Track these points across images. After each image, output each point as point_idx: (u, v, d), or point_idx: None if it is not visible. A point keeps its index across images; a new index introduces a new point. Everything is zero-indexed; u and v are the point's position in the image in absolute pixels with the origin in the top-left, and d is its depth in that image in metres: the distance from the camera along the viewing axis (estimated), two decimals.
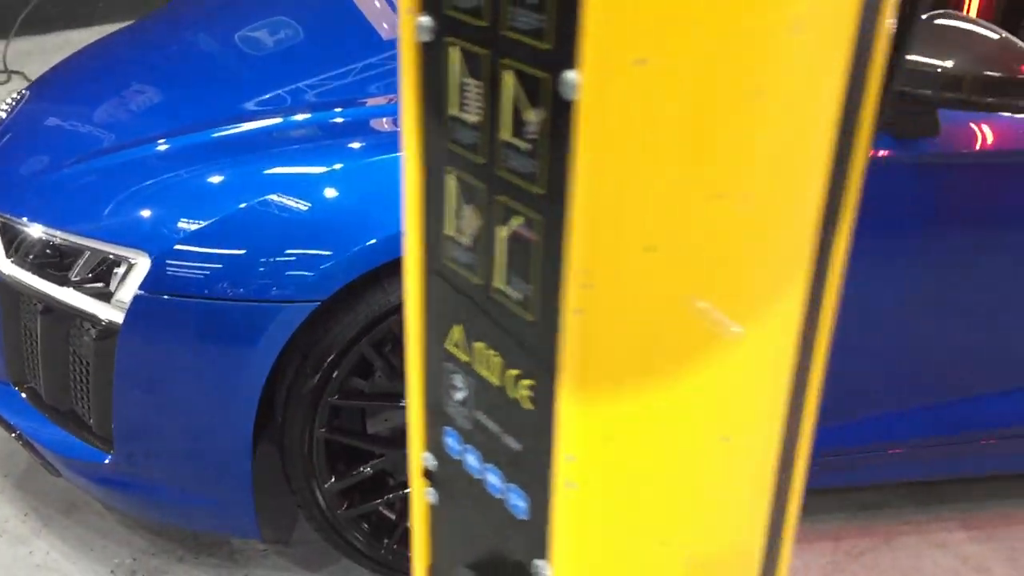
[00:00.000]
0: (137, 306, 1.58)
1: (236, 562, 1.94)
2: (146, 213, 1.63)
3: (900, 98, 1.56)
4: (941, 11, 1.61)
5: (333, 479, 1.74)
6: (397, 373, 1.69)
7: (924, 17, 1.61)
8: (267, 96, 1.90)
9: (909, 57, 1.52)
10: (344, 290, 1.58)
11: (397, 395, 1.69)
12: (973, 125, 1.72)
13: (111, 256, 1.63)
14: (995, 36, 1.56)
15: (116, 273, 1.62)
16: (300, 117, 1.81)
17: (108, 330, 1.62)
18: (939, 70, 1.54)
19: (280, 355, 1.61)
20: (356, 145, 1.70)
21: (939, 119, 1.68)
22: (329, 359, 1.62)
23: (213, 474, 1.69)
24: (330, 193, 1.62)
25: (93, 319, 1.64)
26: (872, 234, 1.63)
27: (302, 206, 1.59)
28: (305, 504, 1.76)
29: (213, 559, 1.95)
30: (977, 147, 1.72)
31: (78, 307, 1.65)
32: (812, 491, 0.97)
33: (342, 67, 2.01)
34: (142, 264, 1.58)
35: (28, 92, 2.16)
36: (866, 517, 2.10)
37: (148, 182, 1.68)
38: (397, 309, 1.60)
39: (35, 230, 1.70)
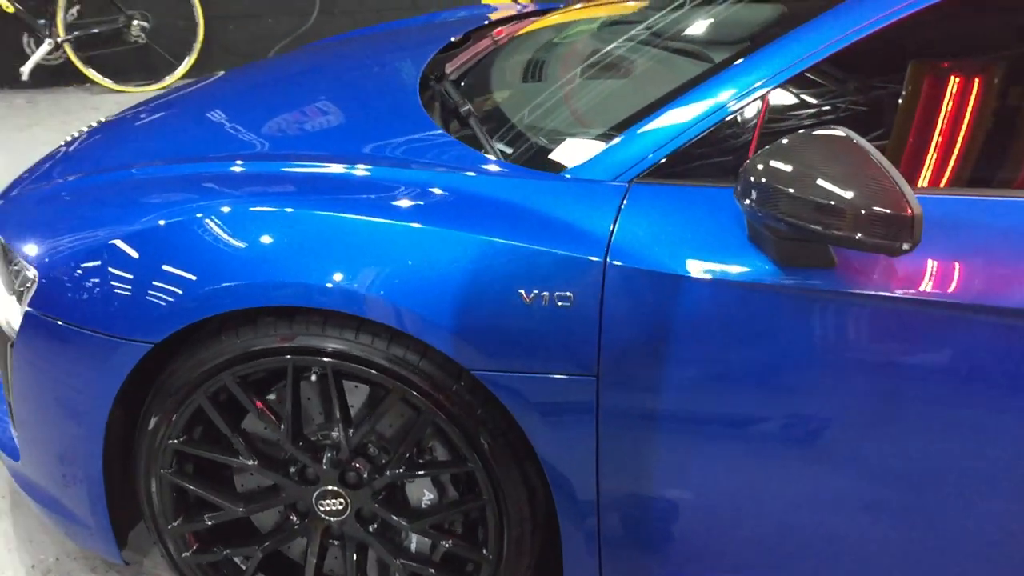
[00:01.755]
0: (26, 321, 1.71)
1: None
2: (48, 233, 1.74)
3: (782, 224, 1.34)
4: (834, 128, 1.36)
5: (180, 521, 1.76)
6: (234, 427, 1.68)
7: (814, 132, 1.37)
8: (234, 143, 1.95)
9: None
10: (188, 334, 1.61)
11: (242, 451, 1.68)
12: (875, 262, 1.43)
13: (26, 271, 1.77)
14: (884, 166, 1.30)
15: (27, 288, 1.76)
16: (238, 163, 1.77)
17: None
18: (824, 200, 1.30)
19: (136, 390, 1.67)
20: (284, 192, 1.64)
21: (832, 250, 1.41)
22: (168, 402, 1.65)
23: (77, 495, 1.77)
24: (209, 237, 1.59)
25: (9, 329, 1.79)
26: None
27: (170, 249, 1.61)
28: (156, 540, 1.79)
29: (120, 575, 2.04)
30: (876, 288, 1.41)
31: (2, 318, 1.81)
32: None
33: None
34: (36, 281, 1.71)
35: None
36: None
37: (70, 204, 1.79)
38: (232, 362, 1.61)
39: None
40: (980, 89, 1.54)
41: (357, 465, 1.69)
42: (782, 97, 1.54)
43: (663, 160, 1.53)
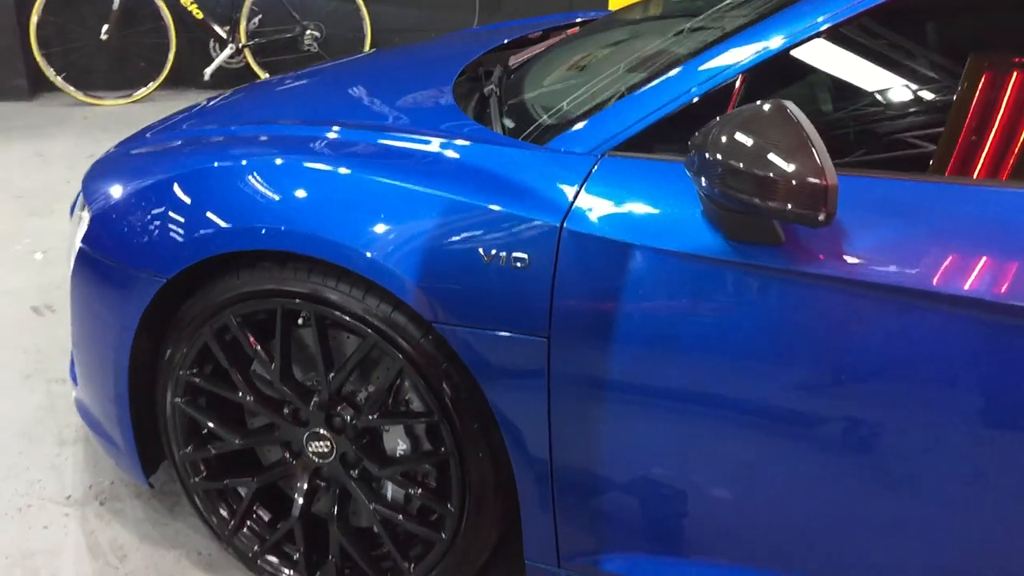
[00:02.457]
0: (78, 256, 1.94)
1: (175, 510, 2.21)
2: (109, 179, 1.96)
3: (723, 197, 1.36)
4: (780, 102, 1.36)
5: (190, 448, 1.93)
6: (238, 360, 1.83)
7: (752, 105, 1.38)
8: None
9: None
10: (200, 271, 1.77)
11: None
12: (831, 238, 1.40)
13: (86, 213, 1.99)
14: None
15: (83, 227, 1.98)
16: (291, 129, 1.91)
17: None
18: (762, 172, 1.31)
19: (162, 322, 1.86)
20: (319, 148, 1.75)
21: (779, 226, 1.40)
22: (181, 335, 1.83)
23: (110, 414, 1.97)
24: (237, 184, 1.72)
25: None
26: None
27: (184, 194, 1.78)
28: (171, 463, 1.97)
29: (161, 503, 2.24)
30: (820, 269, 1.39)
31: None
32: None
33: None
34: (88, 220, 1.93)
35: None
36: None
37: (142, 156, 2.00)
38: (233, 301, 1.76)
39: None
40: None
41: (342, 410, 1.79)
42: (748, 81, 1.55)
43: (634, 136, 1.57)
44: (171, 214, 1.76)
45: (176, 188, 1.78)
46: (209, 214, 1.72)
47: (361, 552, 1.86)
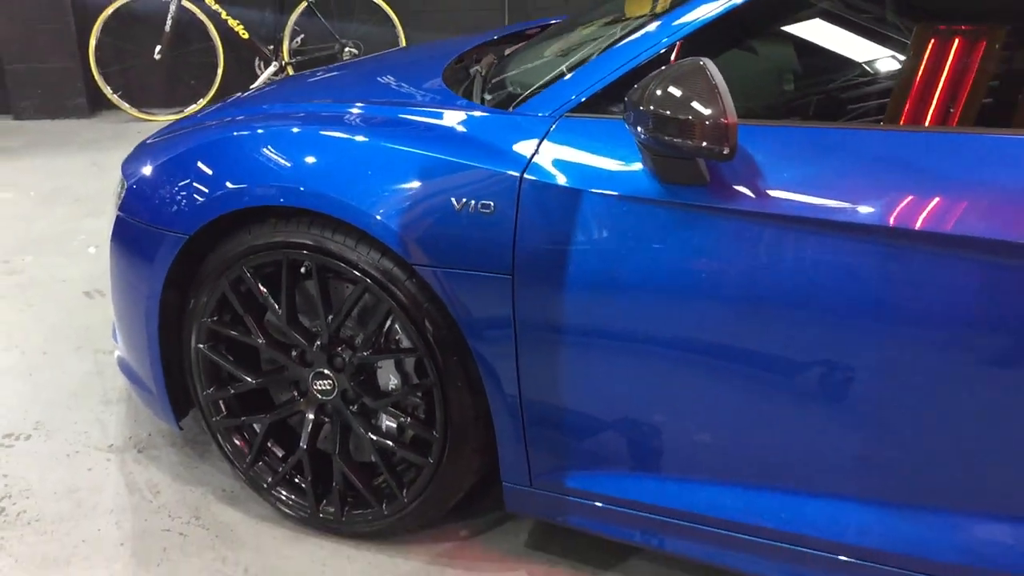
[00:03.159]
0: (116, 222, 2.21)
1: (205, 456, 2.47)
2: (146, 154, 2.23)
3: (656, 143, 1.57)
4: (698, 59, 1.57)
5: (212, 389, 2.19)
6: (252, 308, 2.09)
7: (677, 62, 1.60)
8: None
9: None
10: (217, 228, 2.03)
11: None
12: (755, 175, 1.61)
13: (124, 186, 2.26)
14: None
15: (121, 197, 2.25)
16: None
17: None
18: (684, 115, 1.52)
19: (186, 278, 2.12)
20: (322, 119, 2.00)
21: (704, 168, 1.61)
22: (202, 286, 2.09)
23: (143, 363, 2.24)
24: (251, 149, 1.97)
25: None
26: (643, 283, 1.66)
27: (205, 159, 2.04)
28: (196, 405, 2.23)
29: (193, 450, 2.50)
30: (748, 205, 1.59)
31: None
32: None
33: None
34: (125, 190, 2.21)
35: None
36: None
37: (180, 134, 2.26)
38: (245, 254, 2.02)
39: None
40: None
41: (342, 351, 2.03)
42: (682, 50, 1.77)
43: (587, 99, 1.79)
44: (193, 179, 2.03)
45: (199, 156, 2.04)
46: (226, 177, 1.98)
47: (362, 480, 2.09)
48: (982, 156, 1.51)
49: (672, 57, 1.81)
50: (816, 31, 2.03)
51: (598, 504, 1.88)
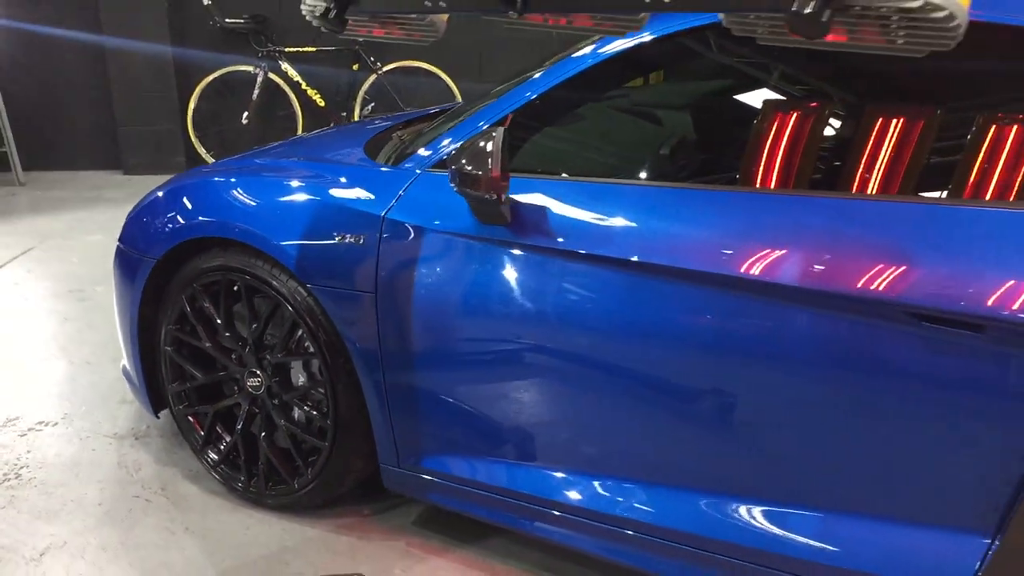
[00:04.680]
0: (116, 251, 2.82)
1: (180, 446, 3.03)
2: (145, 195, 2.85)
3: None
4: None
5: (175, 384, 2.75)
6: (202, 319, 2.64)
7: (483, 130, 2.08)
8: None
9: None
10: (180, 253, 2.60)
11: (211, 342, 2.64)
12: (542, 218, 2.06)
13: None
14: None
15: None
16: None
17: None
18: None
19: (159, 293, 2.70)
20: (263, 172, 2.59)
21: (506, 208, 2.07)
22: (168, 301, 2.66)
23: (132, 366, 2.82)
24: (201, 193, 2.59)
25: None
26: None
27: (180, 200, 2.64)
28: (168, 398, 2.79)
29: (175, 441, 3.06)
30: (537, 241, 2.03)
31: None
32: None
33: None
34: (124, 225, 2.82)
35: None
36: None
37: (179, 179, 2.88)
38: (196, 276, 2.58)
39: None
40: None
41: (267, 355, 2.56)
42: (516, 117, 2.25)
43: (443, 157, 2.29)
44: (164, 214, 2.61)
45: (170, 197, 2.63)
46: (184, 214, 2.56)
47: (280, 461, 2.59)
48: (701, 207, 1.93)
49: (507, 120, 2.29)
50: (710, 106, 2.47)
51: (451, 484, 2.32)
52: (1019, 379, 1.60)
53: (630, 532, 2.09)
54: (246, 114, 7.13)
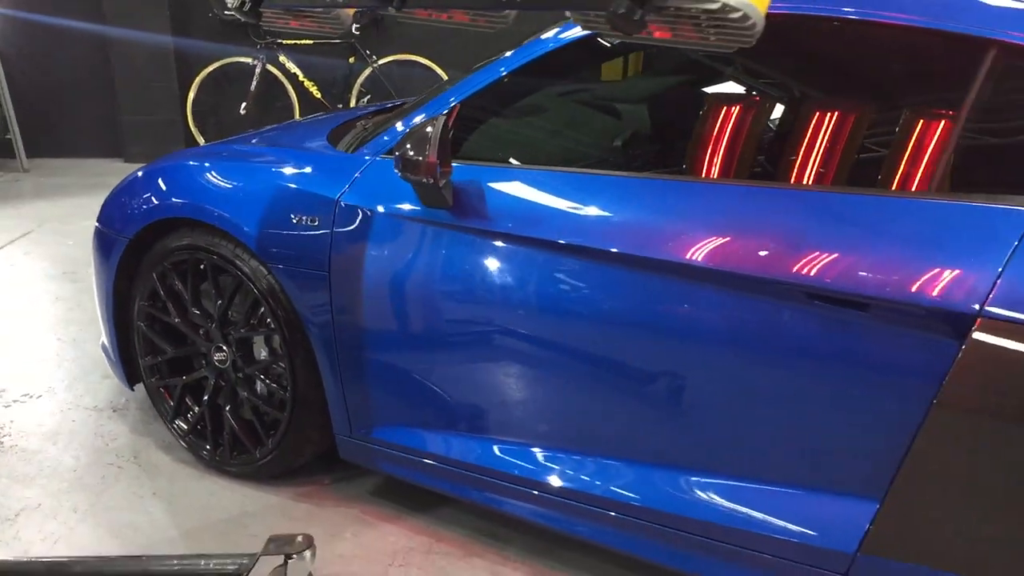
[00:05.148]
0: (94, 231, 2.97)
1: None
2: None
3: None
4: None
5: (148, 357, 2.89)
6: (172, 295, 2.78)
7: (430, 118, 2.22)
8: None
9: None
10: (149, 233, 2.75)
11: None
12: (481, 202, 2.19)
13: None
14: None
15: None
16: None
17: None
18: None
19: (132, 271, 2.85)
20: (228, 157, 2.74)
21: (447, 192, 2.20)
22: (139, 279, 2.81)
23: (108, 341, 2.98)
24: (172, 176, 2.74)
25: None
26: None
27: (154, 183, 2.78)
28: (142, 371, 2.94)
29: (150, 414, 3.21)
30: (475, 223, 2.17)
31: None
32: None
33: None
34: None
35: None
36: None
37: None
38: (165, 255, 2.72)
39: None
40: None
41: (231, 330, 2.70)
42: (463, 108, 2.38)
43: (395, 144, 2.42)
44: (139, 195, 2.75)
45: (145, 179, 2.78)
46: (157, 195, 2.70)
47: (243, 432, 2.74)
48: (623, 193, 2.06)
49: (454, 111, 2.42)
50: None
51: (397, 453, 2.46)
52: (899, 354, 1.73)
53: (560, 499, 2.22)
54: (244, 104, 7.28)
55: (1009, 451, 1.63)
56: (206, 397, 2.78)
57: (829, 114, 2.16)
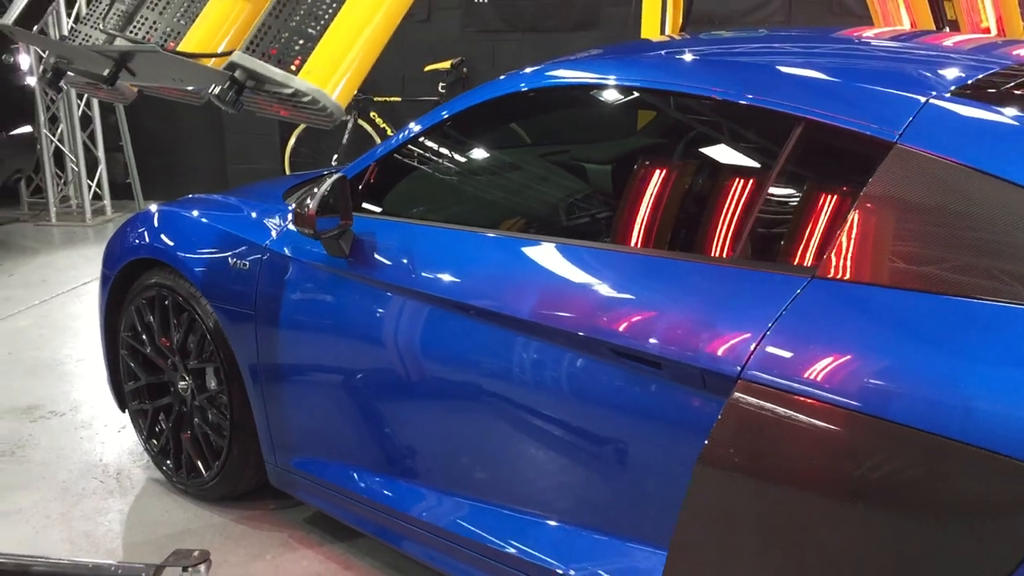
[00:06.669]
0: (101, 275, 3.34)
1: None
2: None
3: None
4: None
5: (131, 383, 3.21)
6: (146, 328, 3.09)
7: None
8: None
9: None
10: (131, 271, 3.07)
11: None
12: (373, 253, 2.38)
13: None
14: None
15: None
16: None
17: None
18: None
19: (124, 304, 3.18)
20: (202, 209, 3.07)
21: (346, 244, 2.39)
22: (123, 313, 3.14)
23: (106, 363, 3.32)
24: (150, 222, 3.08)
25: None
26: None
27: (138, 228, 3.12)
28: (127, 396, 3.26)
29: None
30: (367, 273, 2.35)
31: None
32: None
33: None
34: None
35: None
36: None
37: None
38: (139, 292, 3.04)
39: None
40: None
41: (191, 361, 2.98)
42: (380, 165, 2.59)
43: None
44: (127, 237, 3.09)
45: (134, 223, 3.12)
46: (138, 238, 3.03)
47: (197, 455, 2.99)
48: (482, 250, 2.20)
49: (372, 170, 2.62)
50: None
51: (309, 482, 2.65)
52: (681, 412, 1.80)
53: (442, 540, 2.35)
54: (335, 156, 7.74)
55: (760, 507, 1.66)
56: (170, 422, 3.05)
57: (655, 173, 2.19)
